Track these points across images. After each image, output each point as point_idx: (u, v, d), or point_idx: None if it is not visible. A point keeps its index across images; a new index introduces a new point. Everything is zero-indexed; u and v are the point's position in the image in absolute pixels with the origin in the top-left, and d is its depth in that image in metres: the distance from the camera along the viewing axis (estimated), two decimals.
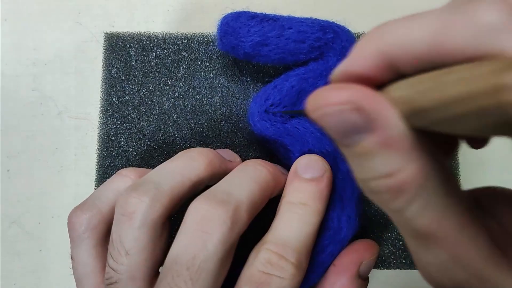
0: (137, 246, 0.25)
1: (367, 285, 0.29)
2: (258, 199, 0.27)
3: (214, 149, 0.34)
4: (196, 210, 0.25)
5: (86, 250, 0.28)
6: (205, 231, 0.24)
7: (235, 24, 0.31)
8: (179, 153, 0.29)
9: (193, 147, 0.34)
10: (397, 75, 0.18)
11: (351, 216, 0.29)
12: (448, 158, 0.26)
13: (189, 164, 0.28)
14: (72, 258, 0.28)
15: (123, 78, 0.35)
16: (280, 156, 0.32)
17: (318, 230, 0.28)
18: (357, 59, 0.19)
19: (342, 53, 0.30)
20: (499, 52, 0.14)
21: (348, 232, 0.29)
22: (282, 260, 0.25)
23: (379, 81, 0.19)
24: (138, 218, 0.25)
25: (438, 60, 0.16)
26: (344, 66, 0.20)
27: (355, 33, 0.35)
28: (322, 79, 0.31)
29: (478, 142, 0.23)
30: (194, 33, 0.36)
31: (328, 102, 0.18)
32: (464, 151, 0.26)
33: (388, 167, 0.17)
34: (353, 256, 0.29)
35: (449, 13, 0.16)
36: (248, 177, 0.27)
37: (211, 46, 0.36)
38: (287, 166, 0.31)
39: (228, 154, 0.32)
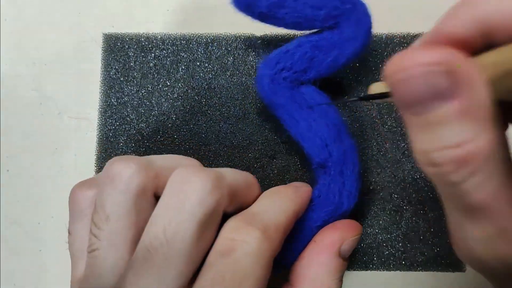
0: (118, 211, 0.24)
1: (346, 266, 0.29)
2: (244, 183, 0.27)
3: (213, 150, 0.34)
4: (178, 172, 0.24)
5: (86, 226, 0.26)
6: (185, 191, 0.23)
7: None
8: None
9: (192, 148, 0.34)
10: (490, 44, 0.18)
11: (352, 191, 0.30)
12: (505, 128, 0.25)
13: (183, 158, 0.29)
14: (69, 233, 0.27)
15: (121, 79, 0.35)
16: (284, 123, 0.31)
17: (302, 215, 0.29)
18: (450, 23, 0.18)
19: (357, 25, 0.30)
20: None
21: (349, 207, 0.30)
22: (248, 226, 0.24)
23: (472, 48, 0.18)
24: (122, 182, 0.24)
25: None
26: (436, 28, 0.19)
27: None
28: (335, 49, 0.30)
29: None
30: (193, 34, 0.36)
31: (417, 62, 0.16)
32: None
33: (459, 136, 0.17)
34: (335, 234, 0.28)
35: None
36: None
37: (210, 47, 0.35)
38: (291, 135, 0.31)
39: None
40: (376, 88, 0.23)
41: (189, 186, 0.23)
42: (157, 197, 0.26)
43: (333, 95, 0.34)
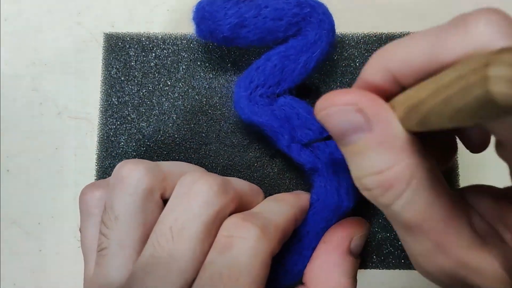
0: (127, 212, 0.25)
1: (359, 264, 0.29)
2: (244, 190, 0.28)
3: (213, 149, 0.34)
4: (186, 176, 0.25)
5: (94, 225, 0.27)
6: (192, 192, 0.24)
7: (211, 8, 0.31)
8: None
9: (192, 147, 0.34)
10: (402, 89, 0.21)
11: (349, 187, 0.30)
12: (447, 165, 0.28)
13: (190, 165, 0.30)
14: (80, 232, 0.28)
15: (122, 78, 0.35)
16: (270, 139, 0.32)
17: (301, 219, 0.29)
18: (368, 72, 0.22)
19: (320, 26, 0.31)
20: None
21: (349, 204, 0.30)
22: (246, 223, 0.24)
23: (387, 92, 0.21)
24: (131, 184, 0.25)
25: (435, 70, 0.18)
26: (359, 77, 0.22)
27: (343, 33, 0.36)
28: (303, 55, 0.31)
29: (477, 146, 0.25)
30: (194, 34, 0.36)
31: (334, 103, 0.20)
32: (463, 152, 0.26)
33: (380, 164, 0.20)
34: (343, 233, 0.29)
35: (443, 29, 0.19)
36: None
37: (210, 47, 0.36)
38: (279, 148, 0.32)
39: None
40: None
41: (197, 188, 0.24)
42: (164, 201, 0.26)
43: (311, 99, 0.34)
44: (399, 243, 0.34)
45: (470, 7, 0.38)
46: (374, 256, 0.34)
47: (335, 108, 0.20)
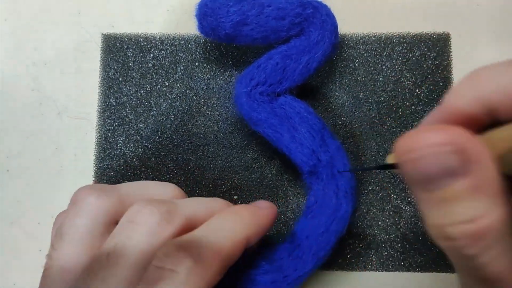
0: (73, 233, 0.25)
1: None
2: (200, 214, 0.27)
3: (211, 151, 0.34)
4: (134, 205, 0.25)
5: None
6: (136, 221, 0.24)
7: (213, 5, 0.31)
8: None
9: (190, 148, 0.34)
10: (495, 120, 0.18)
11: (347, 191, 0.30)
12: None
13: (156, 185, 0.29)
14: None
15: (120, 79, 0.35)
16: (269, 138, 0.32)
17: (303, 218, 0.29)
18: (455, 100, 0.19)
19: (322, 27, 0.31)
20: None
21: (348, 206, 0.30)
22: (179, 253, 0.22)
23: (477, 124, 0.19)
24: (82, 207, 0.25)
25: None
26: (442, 106, 0.19)
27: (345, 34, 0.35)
28: (305, 55, 0.31)
29: None
30: (192, 34, 0.36)
31: (426, 143, 0.17)
32: None
33: (473, 212, 0.17)
34: None
35: None
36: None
37: (208, 47, 0.35)
38: (277, 149, 0.31)
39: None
40: (393, 159, 0.23)
41: (140, 217, 0.24)
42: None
43: (310, 100, 0.34)
44: (399, 245, 0.34)
45: (470, 7, 0.37)
46: (374, 258, 0.34)
47: (428, 150, 0.17)
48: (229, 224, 0.26)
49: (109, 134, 0.35)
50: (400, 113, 0.35)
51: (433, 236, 0.19)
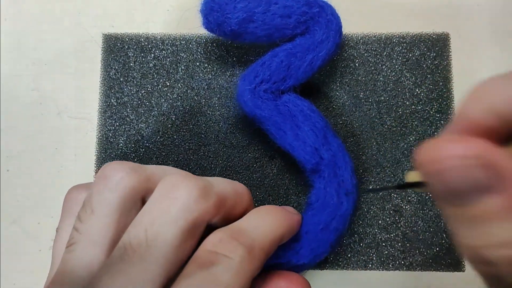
0: (103, 208, 0.24)
1: None
2: (229, 194, 0.26)
3: (212, 150, 0.34)
4: (166, 178, 0.24)
5: (72, 225, 0.25)
6: (171, 196, 0.23)
7: (220, 0, 0.31)
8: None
9: (191, 148, 0.34)
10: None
11: (349, 190, 0.30)
12: None
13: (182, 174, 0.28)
14: (57, 231, 0.27)
15: (121, 79, 0.35)
16: (272, 136, 0.32)
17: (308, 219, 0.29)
18: (471, 111, 0.17)
19: (327, 26, 0.31)
20: None
21: (349, 205, 0.30)
22: (233, 241, 0.23)
23: (499, 134, 0.17)
24: (112, 181, 0.24)
25: None
26: (460, 115, 0.18)
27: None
28: (310, 53, 0.31)
29: None
30: (193, 34, 0.36)
31: (452, 154, 0.16)
32: None
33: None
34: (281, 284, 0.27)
35: None
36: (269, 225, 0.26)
37: (209, 47, 0.35)
38: (280, 146, 0.31)
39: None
40: (412, 176, 0.21)
41: (177, 192, 0.23)
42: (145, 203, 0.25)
43: (313, 98, 0.34)
44: (399, 244, 0.34)
45: (470, 7, 0.37)
46: (374, 257, 0.34)
47: (453, 161, 0.16)
48: (268, 224, 0.26)
49: (110, 134, 0.35)
50: (400, 112, 0.35)
51: (467, 258, 0.17)
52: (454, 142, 0.16)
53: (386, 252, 0.34)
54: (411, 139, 0.35)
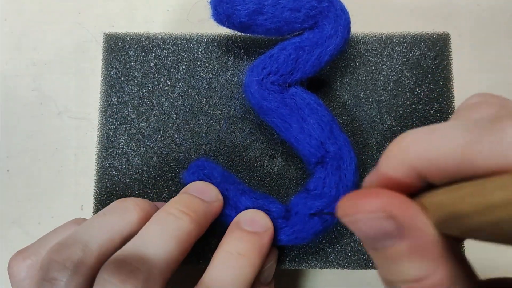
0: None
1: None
2: (176, 256, 0.26)
3: (213, 150, 0.34)
4: (104, 285, 0.24)
5: None
6: None
7: None
8: (114, 203, 0.29)
9: (192, 147, 0.34)
10: (427, 184, 0.19)
11: (349, 185, 0.30)
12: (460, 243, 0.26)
13: (121, 217, 0.28)
14: None
15: (122, 78, 0.35)
16: (277, 129, 0.32)
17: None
18: (386, 166, 0.19)
19: (336, 21, 0.31)
20: None
21: None
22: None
23: (411, 187, 0.19)
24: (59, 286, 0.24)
25: (467, 173, 0.17)
26: (376, 170, 0.20)
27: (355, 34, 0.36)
28: (318, 48, 0.31)
29: None
30: (193, 34, 0.36)
31: (361, 210, 0.18)
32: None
33: (416, 272, 0.18)
34: None
35: (473, 131, 0.17)
36: (166, 232, 0.26)
37: (210, 47, 0.36)
38: (285, 139, 0.32)
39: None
40: None
41: None
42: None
43: (320, 93, 0.34)
44: None
45: (470, 7, 0.38)
46: None
47: (363, 215, 0.18)
48: (232, 271, 0.27)
49: (111, 133, 0.35)
50: (401, 112, 0.35)
51: (385, 286, 0.20)
52: (365, 197, 0.18)
53: None
54: None
